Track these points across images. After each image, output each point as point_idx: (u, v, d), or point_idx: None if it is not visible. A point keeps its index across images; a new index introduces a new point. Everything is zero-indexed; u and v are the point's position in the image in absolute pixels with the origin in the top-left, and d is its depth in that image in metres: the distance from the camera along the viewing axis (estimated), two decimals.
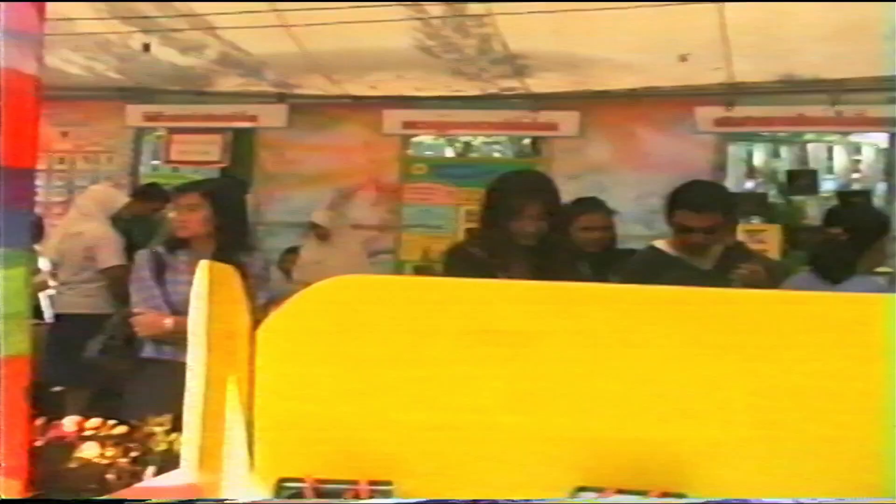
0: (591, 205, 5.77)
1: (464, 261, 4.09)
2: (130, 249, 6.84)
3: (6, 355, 2.34)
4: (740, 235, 7.17)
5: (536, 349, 2.24)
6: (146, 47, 7.33)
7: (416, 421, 2.24)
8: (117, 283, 6.87)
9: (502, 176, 4.43)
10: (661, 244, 4.64)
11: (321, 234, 8.19)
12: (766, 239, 8.11)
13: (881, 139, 9.69)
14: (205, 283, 2.38)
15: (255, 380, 2.30)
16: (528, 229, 3.93)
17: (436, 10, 6.63)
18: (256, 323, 2.39)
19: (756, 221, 8.79)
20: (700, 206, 4.41)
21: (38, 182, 6.29)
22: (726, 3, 6.20)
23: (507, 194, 4.06)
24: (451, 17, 6.73)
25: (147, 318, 4.54)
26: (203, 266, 2.42)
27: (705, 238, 4.41)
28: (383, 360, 2.26)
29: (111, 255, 7.05)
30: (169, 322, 4.44)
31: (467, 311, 2.27)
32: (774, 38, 6.82)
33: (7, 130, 2.26)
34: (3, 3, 2.18)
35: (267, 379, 2.29)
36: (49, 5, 2.31)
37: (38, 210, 7.43)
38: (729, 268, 4.29)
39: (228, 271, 2.44)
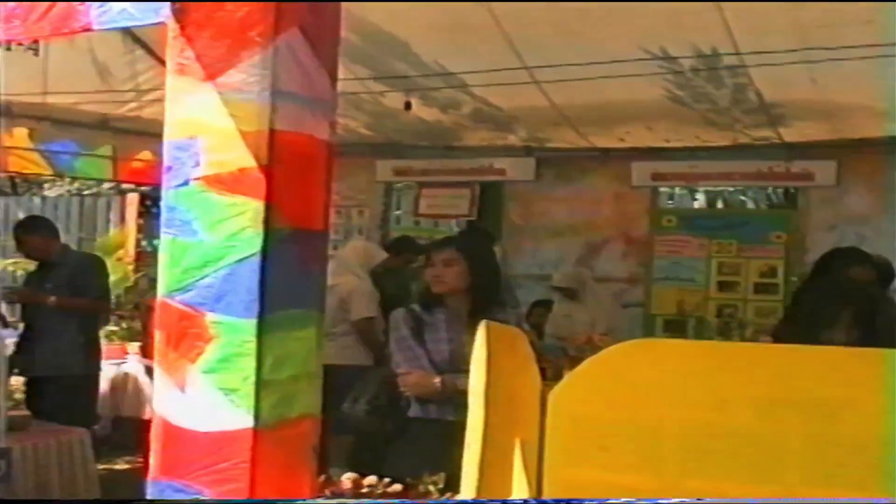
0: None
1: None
2: (385, 303, 6.97)
3: (298, 415, 2.39)
4: None
5: (846, 418, 2.11)
6: (408, 106, 7.50)
7: (717, 492, 2.14)
8: (366, 334, 7.01)
9: (811, 284, 4.34)
10: None
11: (568, 294, 8.13)
12: None
13: None
14: (485, 344, 2.36)
15: (545, 444, 2.26)
16: (839, 338, 3.64)
17: (689, 62, 6.54)
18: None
19: None
20: None
21: None
22: None
23: (817, 305, 3.87)
24: (704, 69, 6.62)
25: (414, 377, 4.53)
26: (484, 327, 2.40)
27: None
28: (681, 428, 2.18)
29: (363, 308, 7.19)
30: (437, 381, 4.43)
31: (770, 377, 2.17)
32: None
33: (301, 194, 2.32)
34: (299, 73, 2.25)
35: (558, 444, 2.25)
36: None
37: None
38: None
39: (513, 333, 2.42)
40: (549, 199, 9.31)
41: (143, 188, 11.95)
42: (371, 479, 3.25)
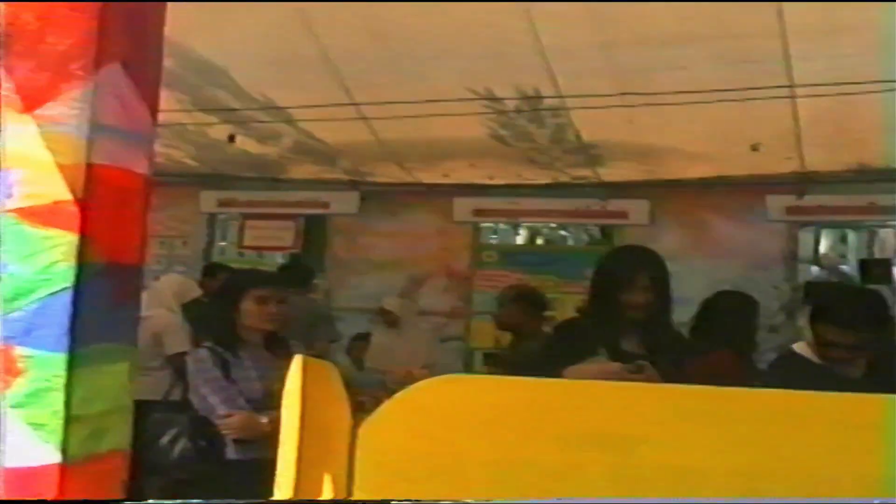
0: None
1: (572, 333, 4.08)
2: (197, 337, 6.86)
3: (107, 450, 2.37)
4: None
5: (642, 452, 2.22)
6: (231, 138, 7.46)
7: None
8: (182, 370, 6.86)
9: (614, 250, 4.45)
10: (802, 349, 4.12)
11: (390, 320, 8.17)
12: None
13: None
14: (300, 378, 2.39)
15: (355, 477, 2.30)
16: (637, 300, 3.92)
17: (512, 102, 6.70)
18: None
19: None
20: (847, 322, 3.87)
21: None
22: (799, 97, 6.21)
23: (618, 267, 4.09)
24: (526, 111, 6.80)
25: (239, 419, 4.39)
26: (299, 361, 2.43)
27: (851, 354, 3.91)
28: (487, 461, 2.25)
29: (177, 342, 7.01)
30: (266, 421, 4.22)
31: (571, 412, 2.26)
32: (846, 129, 6.81)
33: (117, 228, 2.31)
34: (118, 107, 2.25)
35: (366, 476, 2.29)
36: None
37: None
38: (882, 373, 3.87)
39: (325, 367, 2.46)
40: (372, 232, 9.41)
41: None
42: None
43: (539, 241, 13.18)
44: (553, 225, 12.47)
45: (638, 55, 5.88)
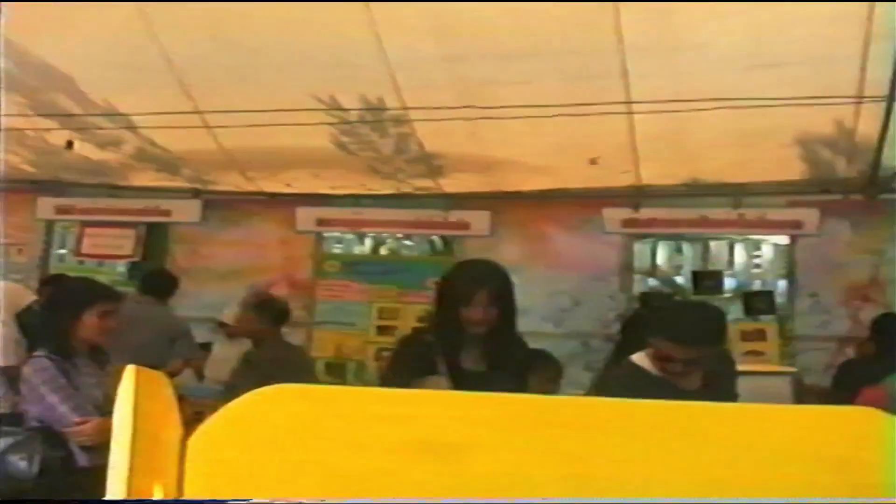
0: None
1: (415, 347, 4.09)
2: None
3: None
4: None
5: (476, 463, 2.25)
6: (69, 144, 7.32)
7: None
8: (9, 382, 6.60)
9: (457, 265, 4.46)
10: (640, 360, 4.18)
11: (231, 332, 8.08)
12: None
13: (781, 237, 9.68)
14: (133, 388, 2.37)
15: (184, 489, 2.29)
16: (476, 316, 3.93)
17: (356, 113, 6.75)
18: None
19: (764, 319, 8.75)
20: (683, 339, 3.95)
21: None
22: (635, 113, 6.41)
23: (458, 282, 4.07)
24: (370, 122, 6.85)
25: (93, 426, 4.32)
26: (130, 370, 2.41)
27: (687, 368, 3.99)
28: (318, 472, 2.25)
29: (6, 355, 6.76)
30: None
31: (403, 420, 2.29)
32: (680, 144, 7.06)
33: None
34: None
35: (196, 488, 2.28)
36: None
37: None
38: (717, 384, 4.05)
39: (157, 377, 2.44)
40: (214, 241, 9.32)
41: None
42: None
43: (383, 251, 13.17)
44: (399, 235, 12.54)
45: (481, 69, 5.99)
